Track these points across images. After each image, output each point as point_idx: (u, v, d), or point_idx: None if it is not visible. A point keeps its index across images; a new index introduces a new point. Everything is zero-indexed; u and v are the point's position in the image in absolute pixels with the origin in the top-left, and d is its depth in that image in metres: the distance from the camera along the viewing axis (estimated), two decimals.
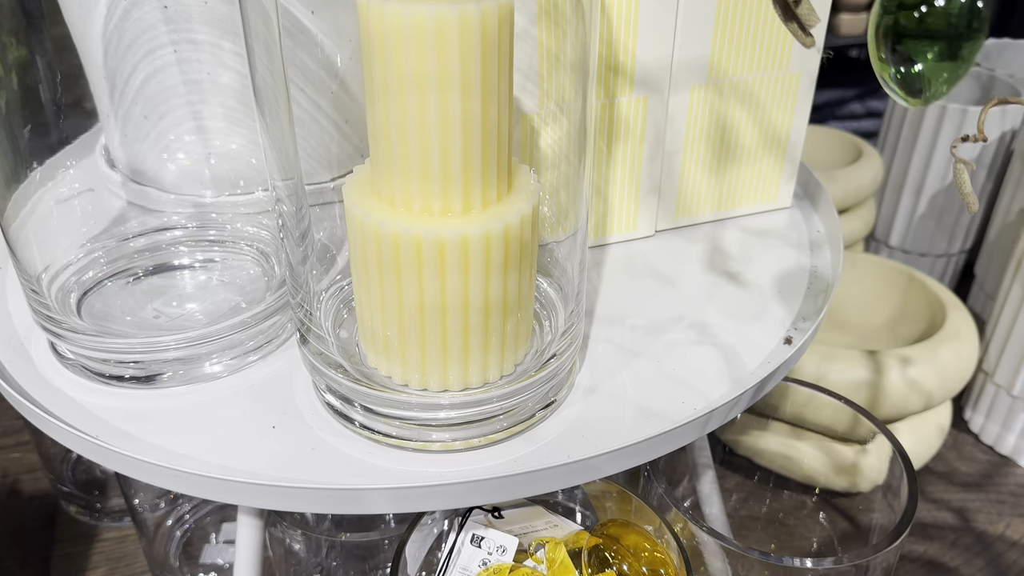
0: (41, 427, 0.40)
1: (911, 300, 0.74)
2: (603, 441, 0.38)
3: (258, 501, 0.36)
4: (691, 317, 0.46)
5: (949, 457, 0.77)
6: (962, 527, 0.71)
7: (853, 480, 0.64)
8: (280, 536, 0.58)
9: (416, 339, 0.36)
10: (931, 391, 0.64)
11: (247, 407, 0.40)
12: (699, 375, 0.42)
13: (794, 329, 0.45)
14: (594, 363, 0.43)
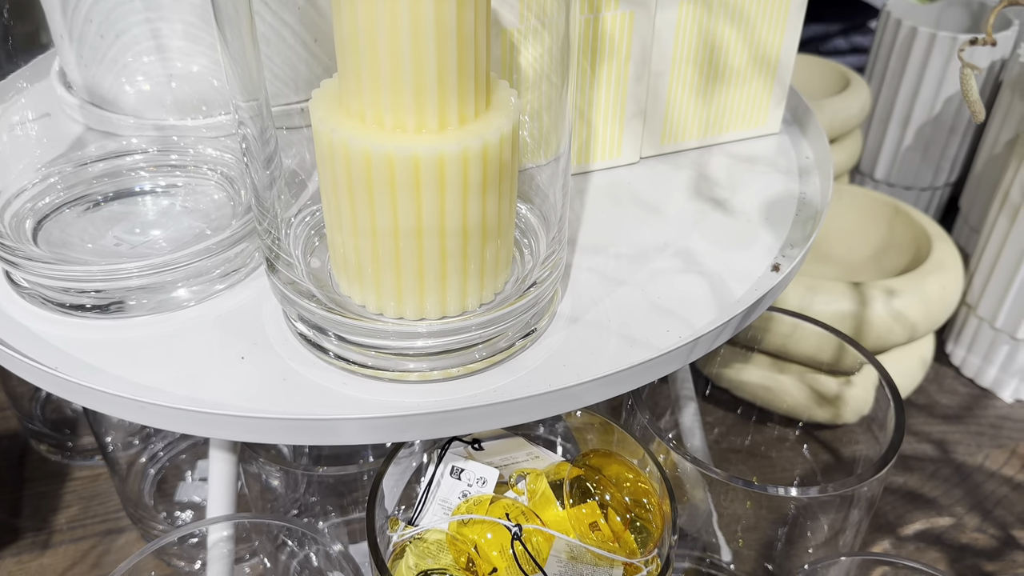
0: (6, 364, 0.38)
1: (896, 232, 0.73)
2: (585, 370, 0.37)
3: (228, 433, 0.34)
4: (676, 245, 0.45)
5: (930, 390, 0.77)
6: (942, 459, 0.71)
7: (836, 412, 0.64)
8: (256, 472, 0.57)
9: (390, 265, 0.35)
10: (916, 323, 0.63)
11: (215, 337, 0.38)
12: (684, 303, 0.41)
13: (782, 256, 0.44)
14: (576, 292, 0.42)
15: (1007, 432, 0.74)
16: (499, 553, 0.41)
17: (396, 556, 0.41)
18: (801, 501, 0.46)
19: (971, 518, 0.66)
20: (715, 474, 0.43)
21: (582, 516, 0.43)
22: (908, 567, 0.44)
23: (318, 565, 0.52)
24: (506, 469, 0.45)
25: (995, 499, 0.68)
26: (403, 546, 0.41)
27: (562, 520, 0.43)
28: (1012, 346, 0.74)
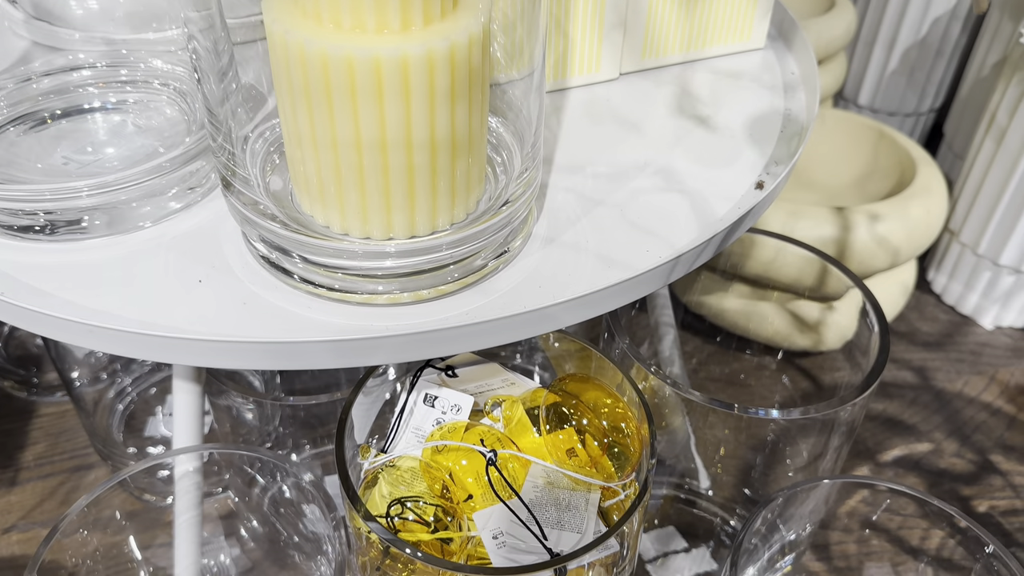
0: None
1: (880, 156, 0.72)
2: (562, 291, 0.35)
3: (184, 357, 0.33)
4: (657, 163, 0.43)
5: (911, 317, 0.77)
6: (922, 385, 0.71)
7: (818, 339, 0.63)
8: (227, 405, 0.55)
9: (354, 181, 0.33)
10: (899, 247, 0.62)
11: (170, 260, 0.36)
12: (664, 223, 0.39)
13: (766, 174, 0.42)
14: (553, 213, 0.40)
15: (987, 359, 0.74)
16: (474, 480, 0.40)
17: (368, 484, 0.40)
18: (780, 425, 0.46)
19: (950, 444, 0.66)
20: (694, 397, 0.42)
21: (559, 442, 0.42)
22: (889, 489, 0.43)
23: (291, 498, 0.51)
24: (481, 396, 0.44)
25: (973, 425, 0.68)
26: (376, 474, 0.40)
27: (539, 447, 0.42)
28: (994, 272, 0.73)
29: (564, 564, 0.33)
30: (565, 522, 0.35)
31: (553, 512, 0.36)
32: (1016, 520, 0.61)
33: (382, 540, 0.36)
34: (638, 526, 0.38)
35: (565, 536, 0.35)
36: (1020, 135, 0.66)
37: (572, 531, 0.35)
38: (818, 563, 0.54)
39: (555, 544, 0.35)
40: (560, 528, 0.35)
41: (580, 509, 0.36)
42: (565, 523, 0.35)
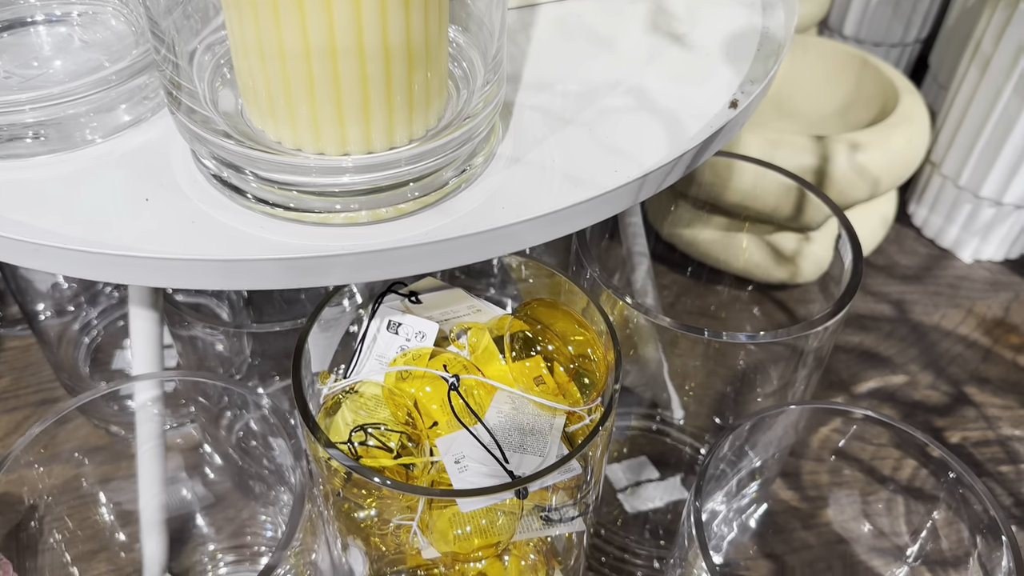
0: None
1: (864, 85, 0.70)
2: (525, 210, 0.34)
3: (130, 276, 0.31)
4: (629, 82, 0.41)
5: (890, 251, 0.76)
6: (898, 318, 0.71)
7: (794, 271, 0.62)
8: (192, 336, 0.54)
9: (304, 93, 0.31)
10: (878, 177, 0.61)
11: (117, 178, 0.35)
12: (635, 142, 0.38)
13: (740, 92, 0.41)
14: (518, 131, 0.39)
15: (964, 292, 0.73)
16: (439, 407, 0.39)
17: (329, 411, 0.39)
18: (750, 352, 0.45)
19: (924, 376, 0.66)
20: (664, 322, 0.41)
21: (526, 370, 0.41)
22: (862, 417, 0.43)
23: (257, 430, 0.50)
24: (446, 324, 0.43)
25: (949, 357, 0.68)
26: (336, 400, 0.39)
27: (505, 374, 0.41)
28: (974, 205, 0.72)
29: (525, 486, 0.32)
30: (528, 446, 0.35)
31: (516, 436, 0.35)
32: (987, 451, 0.61)
33: (344, 467, 0.35)
34: (602, 449, 0.37)
35: (527, 459, 0.34)
36: (1004, 63, 0.65)
37: (535, 455, 0.34)
38: (789, 491, 0.54)
39: (517, 467, 0.34)
40: (523, 452, 0.34)
41: (544, 433, 0.36)
42: (528, 447, 0.35)
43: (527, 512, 0.38)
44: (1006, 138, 0.67)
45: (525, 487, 0.32)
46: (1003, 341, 0.69)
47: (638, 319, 0.44)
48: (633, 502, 0.54)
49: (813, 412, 0.42)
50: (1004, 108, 0.66)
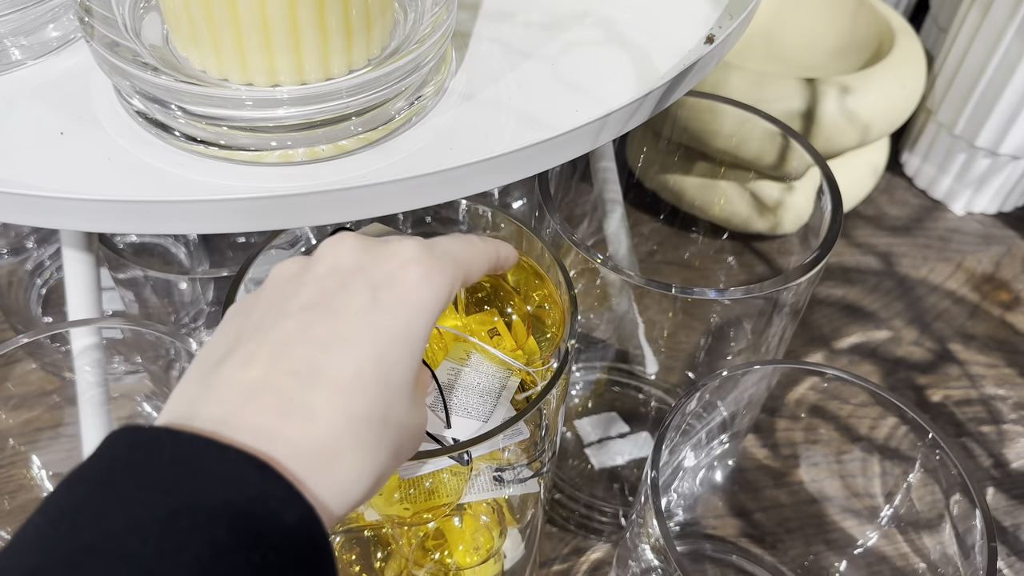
0: None
1: (858, 26, 0.67)
2: (474, 152, 0.31)
3: (36, 217, 0.29)
4: (598, 13, 0.38)
5: (880, 201, 0.73)
6: (885, 271, 0.68)
7: (774, 222, 0.60)
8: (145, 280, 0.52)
9: (226, 14, 0.28)
10: (869, 123, 0.58)
11: (31, 109, 0.32)
12: (600, 79, 0.35)
13: (718, 27, 0.37)
14: (474, 65, 0.36)
15: (955, 245, 0.71)
16: None
17: None
18: (724, 306, 0.43)
19: (909, 331, 0.64)
20: (632, 278, 0.39)
21: (478, 323, 0.39)
22: (832, 376, 0.41)
23: None
24: None
25: (935, 312, 0.66)
26: None
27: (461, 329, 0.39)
28: (969, 154, 0.69)
29: (467, 450, 0.30)
30: (473, 408, 0.33)
31: (463, 396, 0.33)
32: (969, 410, 0.59)
33: None
34: (557, 407, 0.35)
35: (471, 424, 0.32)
36: (1007, 5, 0.62)
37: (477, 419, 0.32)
38: (761, 449, 0.52)
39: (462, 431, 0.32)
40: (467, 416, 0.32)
41: (493, 395, 0.33)
42: (472, 409, 0.32)
43: (478, 473, 0.36)
44: (1005, 85, 0.64)
45: (468, 451, 0.30)
46: (992, 297, 0.67)
47: (611, 277, 0.42)
48: (601, 457, 0.52)
49: (783, 370, 0.40)
50: (1004, 54, 0.63)
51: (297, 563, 0.19)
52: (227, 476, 0.19)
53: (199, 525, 0.18)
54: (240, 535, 0.19)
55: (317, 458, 0.21)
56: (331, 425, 0.21)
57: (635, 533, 0.39)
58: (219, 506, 0.19)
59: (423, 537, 0.39)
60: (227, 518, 0.19)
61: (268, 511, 0.19)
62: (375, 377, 0.22)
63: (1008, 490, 0.55)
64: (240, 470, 0.19)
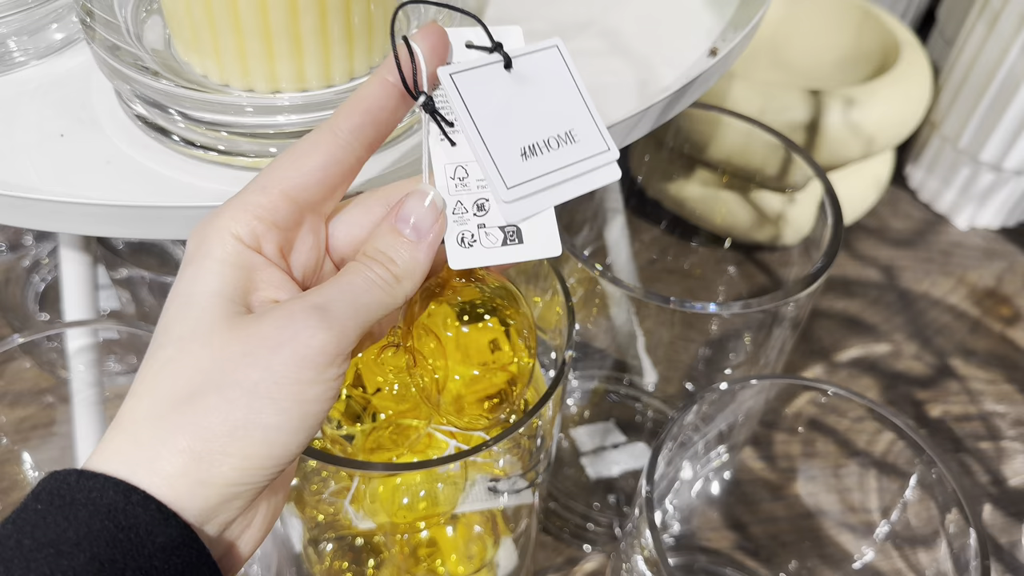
0: None
1: (864, 38, 0.66)
2: None
3: (34, 220, 0.29)
4: (603, 23, 0.38)
5: (883, 213, 0.73)
6: (886, 284, 0.68)
7: (776, 232, 0.60)
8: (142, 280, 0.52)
9: (228, 19, 0.28)
10: (873, 135, 0.58)
11: (32, 111, 0.32)
12: (602, 90, 0.35)
13: (721, 40, 0.37)
14: None
15: (957, 259, 0.71)
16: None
17: None
18: (724, 319, 0.43)
19: (909, 345, 0.64)
20: (628, 290, 0.38)
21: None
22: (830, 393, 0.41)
23: None
24: None
25: (936, 327, 0.65)
26: None
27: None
28: (973, 169, 0.69)
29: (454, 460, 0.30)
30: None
31: None
32: (968, 426, 0.59)
33: None
34: (552, 417, 0.35)
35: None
36: (1014, 19, 0.61)
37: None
38: (759, 462, 0.52)
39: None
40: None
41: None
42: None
43: (473, 483, 0.36)
44: (1010, 100, 0.63)
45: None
46: (993, 312, 0.67)
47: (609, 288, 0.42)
48: (596, 467, 0.52)
49: (780, 385, 0.40)
50: (1010, 69, 0.63)
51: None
52: (96, 504, 0.20)
53: (61, 554, 0.19)
54: (102, 561, 0.19)
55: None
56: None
57: (629, 544, 0.39)
58: (83, 535, 0.19)
59: (415, 545, 0.39)
60: (89, 546, 0.19)
61: (137, 535, 0.20)
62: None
63: (1005, 507, 0.55)
64: (107, 496, 0.20)
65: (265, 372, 0.21)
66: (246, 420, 0.21)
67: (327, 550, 0.39)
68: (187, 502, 0.20)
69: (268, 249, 0.23)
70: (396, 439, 0.36)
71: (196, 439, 0.20)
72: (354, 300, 0.22)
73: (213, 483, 0.21)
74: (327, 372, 0.21)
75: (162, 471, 0.20)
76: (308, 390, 0.21)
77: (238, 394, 0.21)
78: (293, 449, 0.21)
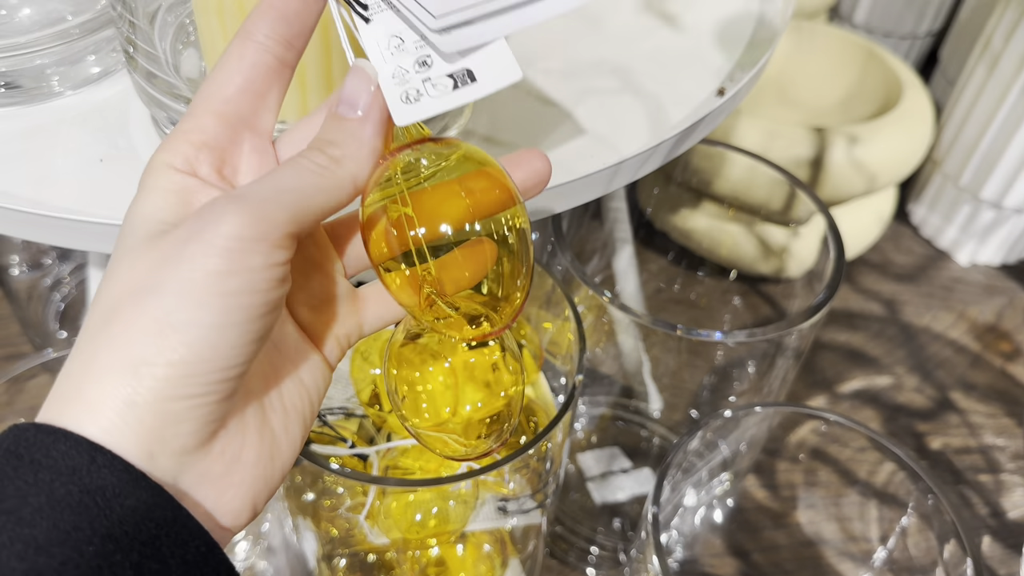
0: None
1: (868, 77, 0.68)
2: None
3: (76, 240, 0.30)
4: (615, 62, 0.40)
5: (886, 248, 0.75)
6: (888, 318, 0.69)
7: (780, 265, 0.61)
8: None
9: None
10: (876, 172, 0.59)
11: (73, 137, 0.33)
12: (615, 126, 0.36)
13: (729, 80, 0.39)
14: (495, 109, 0.37)
15: (958, 295, 0.72)
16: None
17: None
18: (728, 348, 0.44)
19: (910, 378, 0.65)
20: (637, 318, 0.40)
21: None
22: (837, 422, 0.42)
23: None
24: None
25: (937, 360, 0.67)
26: None
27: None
28: (974, 206, 0.71)
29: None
30: None
31: None
32: (968, 458, 0.60)
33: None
34: (563, 439, 0.36)
35: None
36: (1014, 61, 0.63)
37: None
38: (761, 490, 0.53)
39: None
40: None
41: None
42: None
43: (483, 502, 0.37)
44: (1010, 139, 0.65)
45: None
46: (993, 347, 0.68)
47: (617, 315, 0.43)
48: (602, 492, 0.53)
49: (783, 413, 0.41)
50: (1010, 109, 0.64)
51: (142, 544, 0.18)
52: (59, 466, 0.18)
53: (22, 522, 0.17)
54: (66, 530, 0.18)
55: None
56: None
57: (634, 569, 0.40)
58: (44, 501, 0.18)
59: (426, 564, 0.40)
60: (51, 512, 0.18)
61: (104, 498, 0.18)
62: None
63: (1004, 539, 0.56)
64: (71, 458, 0.18)
65: (176, 270, 0.19)
66: (160, 322, 0.19)
67: (340, 565, 0.40)
68: (121, 432, 0.19)
69: (203, 171, 0.21)
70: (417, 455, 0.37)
71: (113, 356, 0.19)
72: (277, 185, 0.20)
73: (143, 401, 0.19)
74: (247, 260, 0.19)
75: (89, 399, 0.19)
76: (227, 281, 0.19)
77: (150, 298, 0.19)
78: (226, 351, 0.19)
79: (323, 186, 0.21)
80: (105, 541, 0.18)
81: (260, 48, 0.22)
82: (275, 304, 0.20)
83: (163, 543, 0.19)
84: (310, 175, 0.21)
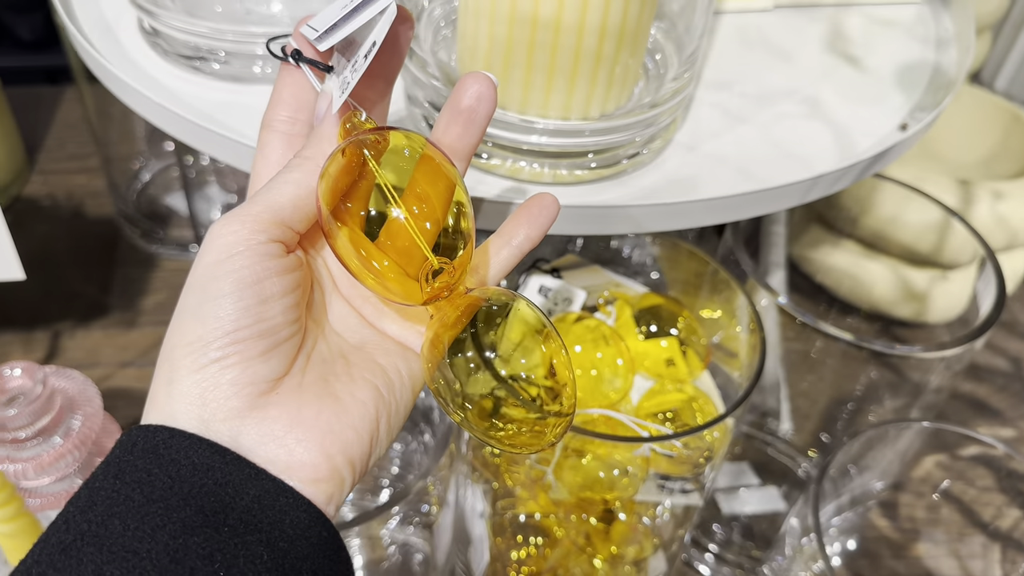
0: (137, 107, 0.39)
1: (1011, 139, 0.70)
2: (696, 191, 0.37)
3: None
4: (804, 92, 0.44)
5: (1014, 308, 0.76)
6: (1014, 374, 0.70)
7: (921, 309, 0.63)
8: None
9: (523, 57, 0.34)
10: (1018, 229, 0.61)
11: None
12: (806, 147, 0.40)
13: (910, 118, 0.42)
14: (696, 123, 0.41)
15: None
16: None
17: None
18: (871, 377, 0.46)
19: None
20: (801, 315, 0.43)
21: (659, 351, 0.43)
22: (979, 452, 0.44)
23: None
24: (589, 298, 0.46)
25: None
26: None
27: (641, 351, 0.43)
28: None
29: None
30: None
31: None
32: None
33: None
34: (724, 434, 0.39)
35: None
36: None
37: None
38: (883, 520, 0.55)
39: None
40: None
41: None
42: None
43: (648, 476, 0.41)
44: None
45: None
46: None
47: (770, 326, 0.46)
48: (730, 503, 0.56)
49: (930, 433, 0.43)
50: None
51: (259, 531, 0.22)
52: (195, 464, 0.22)
53: (171, 508, 0.21)
54: (207, 514, 0.21)
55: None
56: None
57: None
58: (188, 491, 0.22)
59: (585, 532, 0.43)
60: (194, 500, 0.21)
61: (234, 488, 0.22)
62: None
63: None
64: (206, 457, 0.22)
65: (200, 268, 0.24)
66: (194, 308, 0.24)
67: (506, 521, 0.43)
68: (179, 414, 0.23)
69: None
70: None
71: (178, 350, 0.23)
72: (260, 193, 0.25)
73: (178, 377, 0.23)
74: (233, 248, 0.24)
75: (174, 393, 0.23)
76: (223, 265, 0.24)
77: (189, 295, 0.24)
78: (240, 316, 0.23)
79: (290, 178, 0.26)
80: (236, 521, 0.22)
81: (288, 136, 0.28)
82: (261, 275, 0.24)
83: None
84: (284, 173, 0.26)
